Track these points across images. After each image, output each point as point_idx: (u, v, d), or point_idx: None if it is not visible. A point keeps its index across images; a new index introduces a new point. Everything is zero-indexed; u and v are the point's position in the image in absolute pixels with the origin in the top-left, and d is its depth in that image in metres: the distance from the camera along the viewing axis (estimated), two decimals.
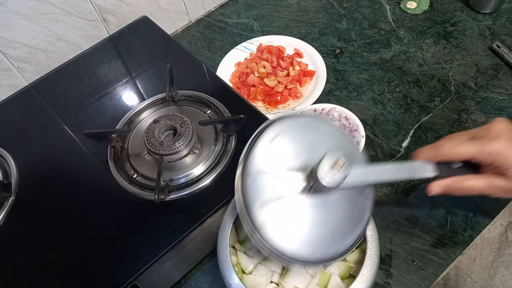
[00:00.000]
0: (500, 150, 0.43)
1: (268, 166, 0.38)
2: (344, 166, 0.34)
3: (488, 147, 0.43)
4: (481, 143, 0.43)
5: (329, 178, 0.34)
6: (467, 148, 0.44)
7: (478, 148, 0.44)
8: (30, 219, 0.57)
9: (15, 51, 0.75)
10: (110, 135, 0.60)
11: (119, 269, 0.50)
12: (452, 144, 0.44)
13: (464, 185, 0.45)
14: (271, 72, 0.81)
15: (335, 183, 0.35)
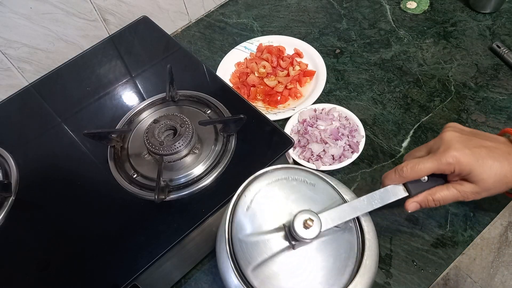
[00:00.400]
0: (454, 159, 0.45)
1: (251, 232, 0.41)
2: (314, 223, 0.37)
3: (443, 159, 0.46)
4: (436, 156, 0.46)
5: (304, 235, 0.37)
6: (425, 165, 0.46)
7: (435, 163, 0.46)
8: (30, 219, 0.57)
9: (15, 51, 0.75)
10: (110, 135, 0.60)
11: (119, 269, 0.50)
12: (412, 165, 0.47)
13: (436, 197, 0.47)
14: (271, 72, 0.81)
15: (312, 237, 0.38)
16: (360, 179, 0.66)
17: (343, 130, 0.68)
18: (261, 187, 0.44)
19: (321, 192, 0.43)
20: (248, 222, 0.42)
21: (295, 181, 0.44)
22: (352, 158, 0.65)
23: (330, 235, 0.40)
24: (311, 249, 0.40)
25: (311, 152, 0.66)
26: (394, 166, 0.67)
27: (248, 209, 0.42)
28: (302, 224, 0.37)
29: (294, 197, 0.42)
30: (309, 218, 0.37)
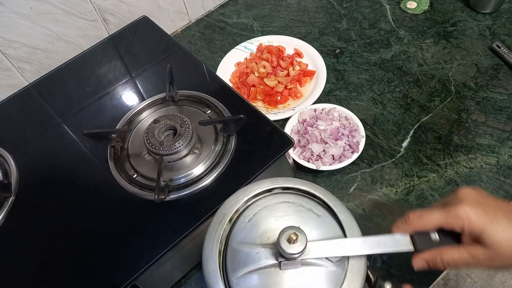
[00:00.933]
0: (464, 214, 0.41)
1: (245, 241, 0.41)
2: (299, 239, 0.37)
3: (451, 212, 0.42)
4: (446, 208, 0.43)
5: (289, 250, 0.36)
6: (432, 215, 0.43)
7: (443, 214, 0.42)
8: (30, 219, 0.57)
9: (15, 51, 0.75)
10: (110, 135, 0.60)
11: (119, 269, 0.50)
12: (419, 213, 0.43)
13: (445, 258, 0.42)
14: (271, 72, 0.80)
15: (296, 253, 0.37)
16: (360, 179, 0.66)
17: (343, 130, 0.68)
18: (268, 204, 0.43)
19: (325, 224, 0.42)
20: (245, 232, 0.42)
21: (302, 207, 0.43)
22: (352, 158, 0.65)
23: (322, 267, 0.39)
24: (298, 275, 0.39)
25: (311, 152, 0.66)
26: (394, 166, 0.67)
27: (250, 221, 0.42)
28: (287, 238, 0.36)
29: (296, 220, 0.41)
30: (293, 233, 0.36)
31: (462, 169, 0.65)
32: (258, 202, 0.44)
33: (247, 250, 0.40)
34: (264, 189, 0.45)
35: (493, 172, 0.64)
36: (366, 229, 0.61)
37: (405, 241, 0.42)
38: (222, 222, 0.43)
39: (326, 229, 0.41)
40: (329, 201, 0.44)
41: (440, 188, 0.64)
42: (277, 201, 0.44)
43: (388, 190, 0.65)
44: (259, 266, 0.39)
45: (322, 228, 0.41)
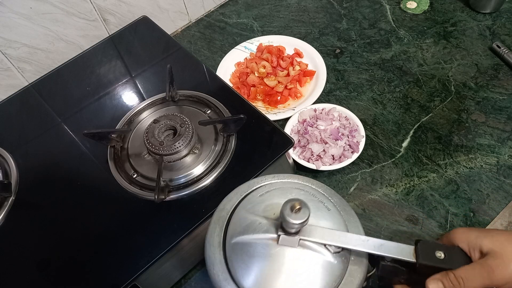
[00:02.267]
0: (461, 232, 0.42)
1: (252, 211, 0.42)
2: (302, 210, 0.36)
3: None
4: None
5: (291, 219, 0.36)
6: None
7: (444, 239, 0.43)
8: (30, 219, 0.57)
9: (15, 51, 0.75)
10: (110, 135, 0.60)
11: (119, 269, 0.50)
12: None
13: (458, 273, 0.39)
14: (271, 72, 0.80)
15: (298, 223, 0.36)
16: (360, 179, 0.66)
17: (343, 130, 0.68)
18: (283, 186, 0.44)
19: (333, 219, 0.42)
20: (254, 204, 0.42)
21: (314, 197, 0.43)
22: (352, 158, 0.65)
23: (319, 254, 0.39)
24: (294, 256, 0.38)
25: (311, 152, 0.66)
26: (394, 166, 0.67)
27: (261, 196, 0.43)
28: (291, 207, 0.36)
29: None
30: (298, 202, 0.36)
31: (462, 169, 0.65)
32: (273, 183, 0.45)
33: (251, 219, 0.40)
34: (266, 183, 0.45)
35: (493, 172, 0.64)
36: (366, 229, 0.61)
37: (408, 251, 0.40)
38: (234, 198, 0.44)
39: (333, 222, 0.41)
40: (336, 203, 0.44)
41: (440, 188, 0.64)
42: (291, 186, 0.44)
43: (388, 190, 0.65)
44: (258, 236, 0.39)
45: (329, 220, 0.41)
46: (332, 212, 0.42)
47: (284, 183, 0.45)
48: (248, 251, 0.39)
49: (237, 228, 0.41)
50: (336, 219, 0.42)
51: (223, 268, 0.39)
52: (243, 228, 0.40)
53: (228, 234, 0.41)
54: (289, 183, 0.45)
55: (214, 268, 0.40)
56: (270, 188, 0.44)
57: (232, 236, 0.40)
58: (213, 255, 0.40)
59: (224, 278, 0.39)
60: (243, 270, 0.38)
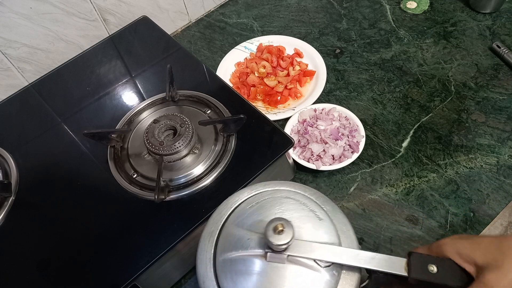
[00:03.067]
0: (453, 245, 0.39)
1: (241, 226, 0.41)
2: (285, 231, 0.36)
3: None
4: None
5: (274, 240, 0.36)
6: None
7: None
8: (30, 219, 0.57)
9: (15, 51, 0.75)
10: (110, 135, 0.60)
11: (119, 269, 0.50)
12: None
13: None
14: (271, 72, 0.80)
15: (281, 244, 0.36)
16: (360, 179, 0.66)
17: (343, 130, 0.68)
18: (274, 196, 0.44)
19: (324, 229, 0.41)
20: (244, 216, 0.42)
21: (305, 207, 0.42)
22: (352, 158, 0.65)
23: (309, 270, 0.38)
24: (283, 271, 0.38)
25: (311, 152, 0.66)
26: (394, 166, 0.67)
27: (251, 207, 0.43)
28: (273, 228, 0.36)
29: (295, 218, 0.41)
30: (281, 224, 0.36)
31: (462, 169, 0.65)
32: (263, 193, 0.44)
33: (240, 234, 0.40)
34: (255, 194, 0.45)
35: (493, 172, 0.64)
36: (366, 229, 0.61)
37: (401, 264, 0.39)
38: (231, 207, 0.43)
39: (324, 233, 0.41)
40: (329, 211, 0.43)
41: (440, 188, 0.64)
42: (282, 195, 0.44)
43: (388, 190, 0.65)
44: (247, 252, 0.39)
45: (320, 230, 0.41)
46: (324, 221, 0.41)
47: (274, 192, 0.44)
48: (236, 268, 0.39)
49: (226, 244, 0.40)
50: (328, 229, 0.41)
51: (213, 285, 0.39)
52: (232, 244, 0.40)
53: (218, 250, 0.41)
54: (281, 191, 0.44)
55: (205, 285, 0.39)
56: (260, 199, 0.43)
57: (222, 252, 0.40)
58: (204, 271, 0.40)
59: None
60: (232, 287, 0.38)
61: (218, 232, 0.42)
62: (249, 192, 0.45)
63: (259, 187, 0.45)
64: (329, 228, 0.41)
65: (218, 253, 0.40)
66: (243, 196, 0.44)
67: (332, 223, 0.41)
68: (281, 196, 0.43)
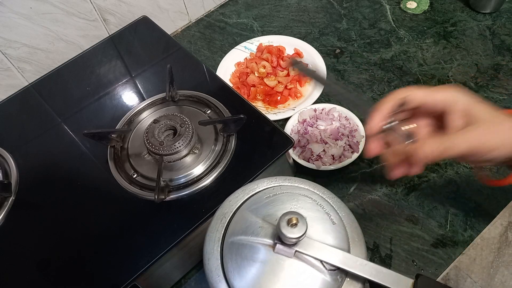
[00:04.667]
0: (454, 93, 0.41)
1: (254, 213, 0.41)
2: (298, 226, 0.36)
3: (441, 91, 0.42)
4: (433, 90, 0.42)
5: (287, 233, 0.36)
6: (419, 91, 0.42)
7: (431, 91, 0.42)
8: (30, 219, 0.57)
9: (15, 51, 0.75)
10: (110, 135, 0.60)
11: (119, 269, 0.50)
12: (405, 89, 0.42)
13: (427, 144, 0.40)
14: (271, 72, 0.80)
15: (294, 237, 0.36)
16: (360, 179, 0.66)
17: (343, 130, 0.68)
18: (291, 192, 0.44)
19: (336, 234, 0.40)
20: (258, 205, 0.42)
21: (321, 208, 0.42)
22: (352, 158, 0.65)
23: (314, 269, 0.38)
24: (288, 265, 0.38)
25: (311, 152, 0.66)
26: None
27: (268, 198, 0.43)
28: (287, 220, 0.36)
29: (310, 216, 0.40)
30: (296, 218, 0.36)
31: (462, 169, 0.65)
32: (283, 187, 0.44)
33: (252, 221, 0.40)
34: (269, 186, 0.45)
35: (493, 172, 0.64)
36: (366, 229, 0.61)
37: (407, 284, 0.39)
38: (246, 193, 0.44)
39: (335, 237, 0.40)
40: (343, 217, 0.42)
41: (440, 188, 0.64)
42: (300, 192, 0.43)
43: (388, 190, 0.65)
44: (256, 239, 0.39)
45: (331, 235, 0.40)
46: (337, 226, 0.41)
47: (293, 188, 0.44)
48: (243, 253, 0.39)
49: (237, 227, 0.41)
50: (340, 235, 0.40)
51: (217, 264, 0.39)
52: (243, 228, 0.40)
53: (228, 231, 0.41)
54: (299, 188, 0.44)
55: (209, 263, 0.40)
56: (278, 192, 0.43)
57: (231, 234, 0.41)
58: (211, 249, 0.40)
59: (217, 274, 0.39)
60: (235, 270, 0.38)
61: (232, 215, 0.42)
62: (269, 182, 0.45)
63: (280, 180, 0.45)
64: (341, 234, 0.40)
65: (228, 235, 0.41)
66: (262, 186, 0.45)
67: (344, 230, 0.41)
68: (299, 193, 0.43)
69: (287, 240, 0.37)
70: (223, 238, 0.41)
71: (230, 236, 0.40)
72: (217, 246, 0.40)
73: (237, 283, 0.38)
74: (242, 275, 0.38)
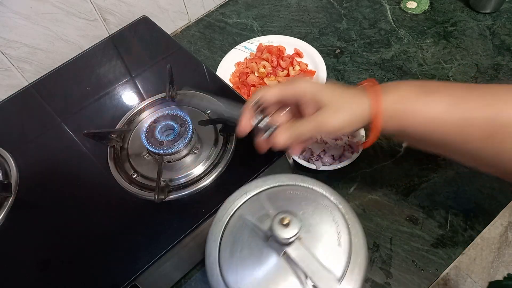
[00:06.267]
0: (303, 84, 0.47)
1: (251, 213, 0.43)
2: (291, 225, 0.36)
3: (291, 85, 0.48)
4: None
5: (279, 232, 0.36)
6: (274, 89, 0.48)
7: (283, 87, 0.48)
8: (30, 219, 0.57)
9: (15, 51, 0.75)
10: (110, 135, 0.60)
11: (119, 269, 0.50)
12: (261, 89, 0.48)
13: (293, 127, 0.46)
14: (271, 72, 0.80)
15: (285, 238, 0.36)
16: (360, 179, 0.66)
17: None
18: (303, 195, 0.44)
19: (337, 257, 0.39)
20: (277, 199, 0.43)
21: (334, 223, 0.41)
22: (352, 158, 0.65)
23: (295, 278, 0.37)
24: (276, 262, 0.38)
25: (311, 152, 0.66)
26: (394, 166, 0.67)
27: (270, 196, 0.43)
28: (280, 220, 0.36)
29: (319, 227, 0.40)
30: (287, 218, 0.36)
31: (462, 169, 0.65)
32: (288, 187, 0.45)
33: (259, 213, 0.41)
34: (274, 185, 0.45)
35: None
36: (366, 229, 0.61)
37: None
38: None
39: (333, 259, 0.38)
40: (353, 240, 0.40)
41: (440, 188, 0.64)
42: (325, 203, 0.42)
43: (388, 190, 0.65)
44: (254, 238, 0.40)
45: (331, 256, 0.38)
46: (341, 249, 0.39)
47: (302, 188, 0.44)
48: (241, 250, 0.40)
49: (236, 226, 0.42)
50: (340, 260, 0.38)
51: (216, 262, 0.41)
52: (242, 227, 0.41)
53: (227, 230, 0.42)
54: (322, 196, 0.43)
55: (209, 261, 0.41)
56: (281, 194, 0.44)
57: (230, 234, 0.42)
58: (211, 246, 0.42)
59: (216, 273, 0.40)
60: (233, 268, 0.40)
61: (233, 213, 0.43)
62: (288, 180, 0.45)
63: (298, 179, 0.45)
64: (341, 260, 0.38)
65: (226, 234, 0.42)
66: (281, 181, 0.45)
67: (348, 255, 0.39)
68: (323, 205, 0.42)
69: (277, 239, 0.37)
70: (221, 237, 0.42)
71: (229, 235, 0.41)
72: (216, 245, 0.41)
73: (233, 280, 0.39)
74: (239, 273, 0.39)
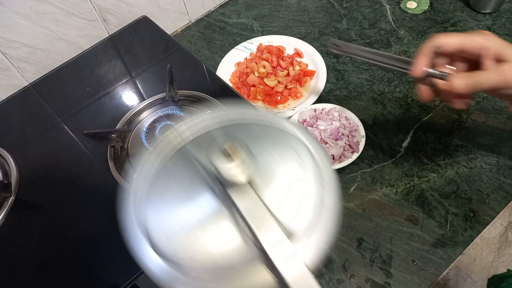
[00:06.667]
0: (488, 37, 0.49)
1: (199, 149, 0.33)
2: (237, 155, 0.26)
3: (475, 35, 0.49)
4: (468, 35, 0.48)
5: (218, 162, 0.27)
6: (457, 36, 0.47)
7: (467, 36, 0.48)
8: (30, 219, 0.57)
9: (15, 51, 0.75)
10: (110, 135, 0.60)
11: (119, 269, 0.50)
12: (442, 35, 0.48)
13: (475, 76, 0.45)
14: (271, 72, 0.81)
15: (224, 174, 0.27)
16: (360, 179, 0.66)
17: (343, 130, 0.68)
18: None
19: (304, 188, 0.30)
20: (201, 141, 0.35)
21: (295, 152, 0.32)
22: (352, 158, 0.65)
23: (235, 231, 0.29)
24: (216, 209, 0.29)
25: None
26: (394, 166, 0.67)
27: (227, 130, 0.35)
28: (222, 152, 0.27)
29: (274, 162, 0.31)
30: (231, 146, 0.26)
31: (462, 169, 0.65)
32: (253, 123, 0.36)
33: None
34: None
35: (493, 172, 0.64)
36: (366, 229, 0.61)
37: None
38: None
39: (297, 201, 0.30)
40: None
41: (440, 188, 0.64)
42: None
43: (388, 190, 0.65)
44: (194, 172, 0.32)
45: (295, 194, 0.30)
46: (307, 205, 0.30)
47: (281, 131, 0.34)
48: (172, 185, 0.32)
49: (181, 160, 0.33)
50: (302, 218, 0.29)
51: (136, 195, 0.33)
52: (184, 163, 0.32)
53: (168, 162, 0.34)
54: (290, 135, 0.34)
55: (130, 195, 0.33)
56: (262, 127, 0.34)
57: (170, 167, 0.33)
58: (137, 182, 0.32)
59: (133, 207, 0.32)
60: (154, 203, 0.31)
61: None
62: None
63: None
64: (304, 217, 0.29)
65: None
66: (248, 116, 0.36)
67: (315, 213, 0.30)
68: (285, 141, 0.33)
69: (219, 176, 0.28)
70: (155, 174, 0.33)
71: (166, 172, 0.33)
72: (145, 181, 0.33)
73: (154, 221, 0.31)
74: (162, 215, 0.31)
